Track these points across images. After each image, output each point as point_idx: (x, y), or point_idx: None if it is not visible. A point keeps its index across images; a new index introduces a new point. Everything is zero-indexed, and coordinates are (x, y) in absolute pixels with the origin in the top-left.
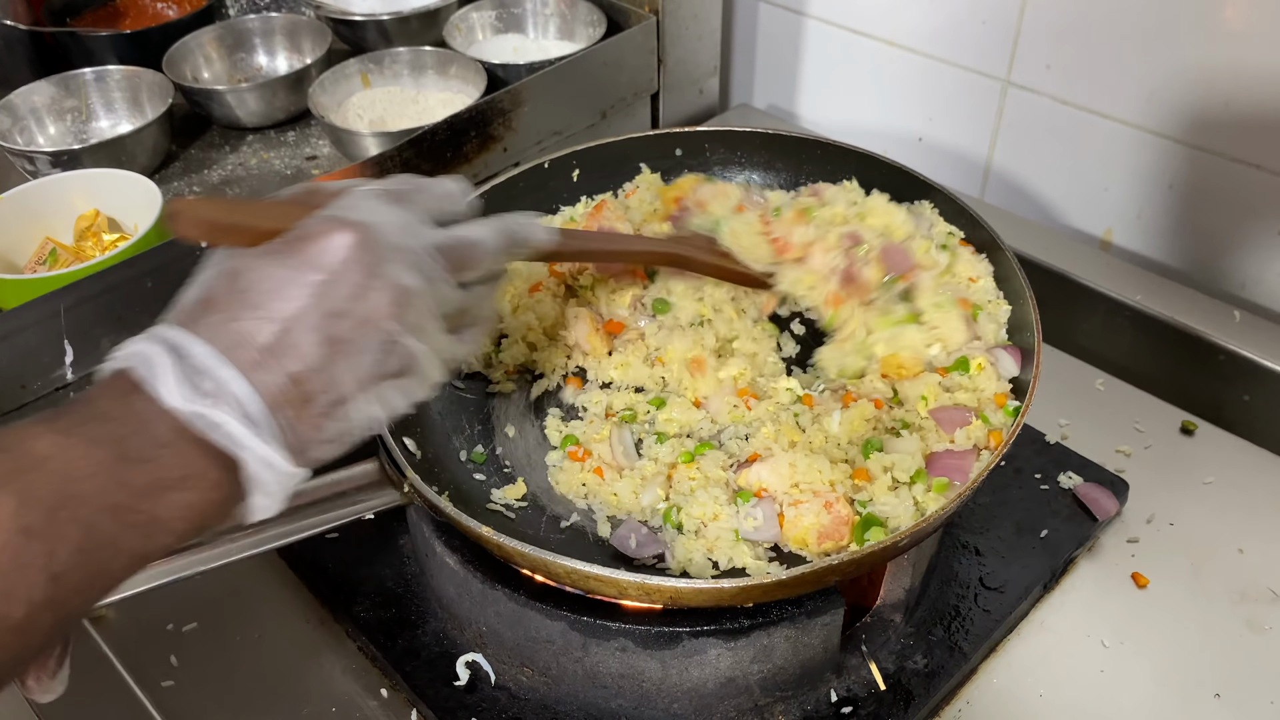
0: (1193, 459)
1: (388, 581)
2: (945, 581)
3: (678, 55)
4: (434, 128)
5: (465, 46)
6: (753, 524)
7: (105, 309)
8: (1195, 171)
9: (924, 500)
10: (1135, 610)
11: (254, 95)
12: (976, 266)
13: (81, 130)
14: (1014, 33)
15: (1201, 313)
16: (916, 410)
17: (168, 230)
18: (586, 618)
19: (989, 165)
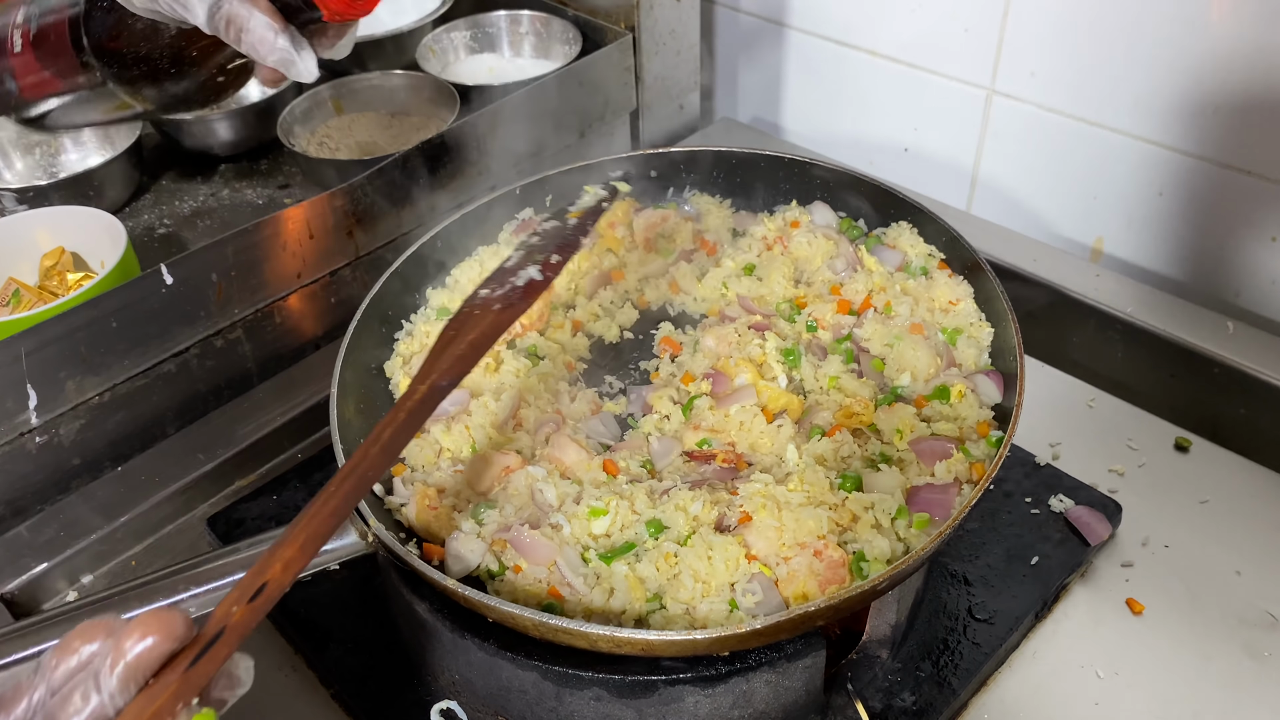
0: (1188, 477)
1: (360, 627)
2: (933, 614)
3: (656, 72)
4: (406, 154)
5: (440, 68)
6: (753, 599)
7: (69, 351)
8: (1185, 178)
9: (906, 536)
10: (1130, 638)
11: (225, 124)
12: (956, 289)
13: (51, 164)
14: (997, 40)
15: (1194, 324)
16: (895, 443)
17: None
18: (559, 667)
19: (976, 174)
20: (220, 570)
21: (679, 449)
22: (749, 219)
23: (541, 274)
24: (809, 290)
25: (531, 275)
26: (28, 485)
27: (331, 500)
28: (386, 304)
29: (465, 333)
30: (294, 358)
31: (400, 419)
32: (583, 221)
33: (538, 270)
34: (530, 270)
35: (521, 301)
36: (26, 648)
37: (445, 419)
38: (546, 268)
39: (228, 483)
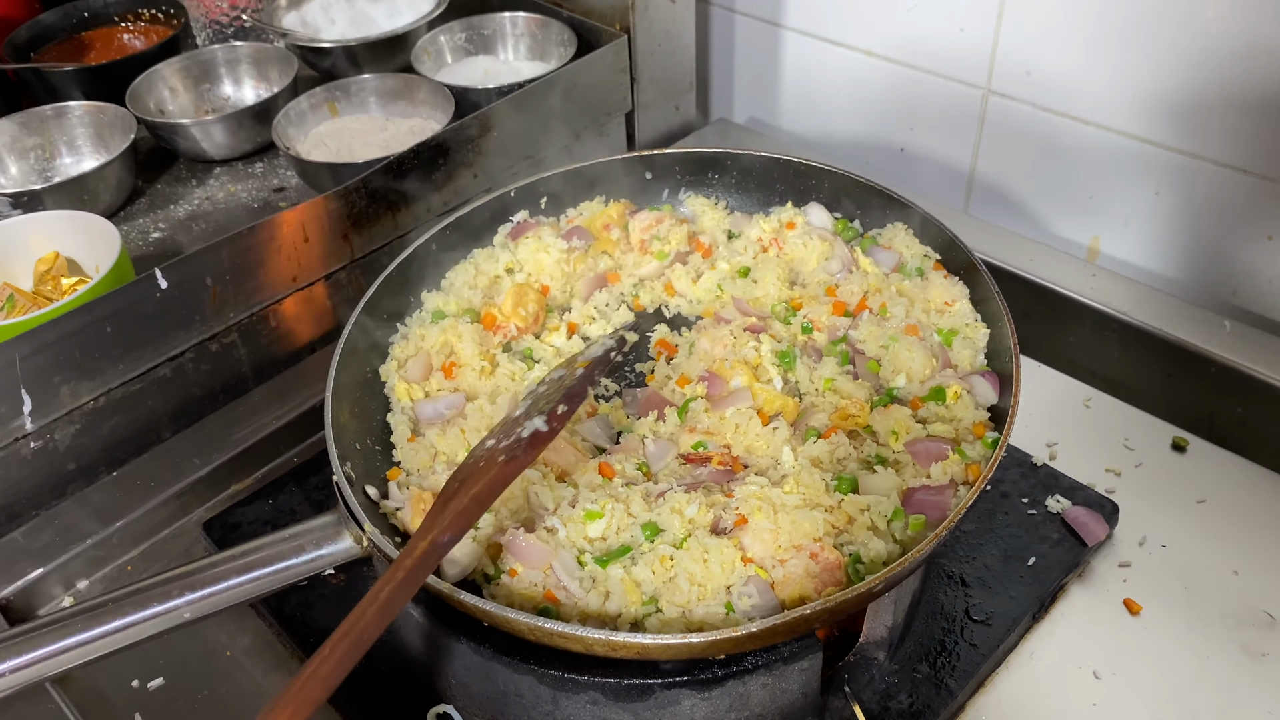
0: (1185, 477)
1: None
2: (930, 615)
3: (651, 73)
4: (401, 157)
5: (434, 70)
6: (749, 602)
7: (64, 356)
8: (1181, 177)
9: (903, 538)
10: (1128, 638)
11: (220, 127)
12: (951, 290)
13: (45, 168)
14: (992, 40)
15: (1191, 323)
16: (890, 445)
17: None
18: (555, 671)
19: (973, 174)
20: (216, 576)
21: (675, 451)
22: (744, 220)
23: (547, 425)
24: (804, 291)
25: (537, 426)
26: (23, 490)
27: (325, 665)
28: (381, 308)
29: (469, 485)
30: (289, 361)
31: (399, 578)
32: (590, 371)
33: (543, 421)
34: (536, 421)
35: (526, 454)
36: (21, 654)
37: (441, 423)
38: (552, 418)
39: (223, 487)
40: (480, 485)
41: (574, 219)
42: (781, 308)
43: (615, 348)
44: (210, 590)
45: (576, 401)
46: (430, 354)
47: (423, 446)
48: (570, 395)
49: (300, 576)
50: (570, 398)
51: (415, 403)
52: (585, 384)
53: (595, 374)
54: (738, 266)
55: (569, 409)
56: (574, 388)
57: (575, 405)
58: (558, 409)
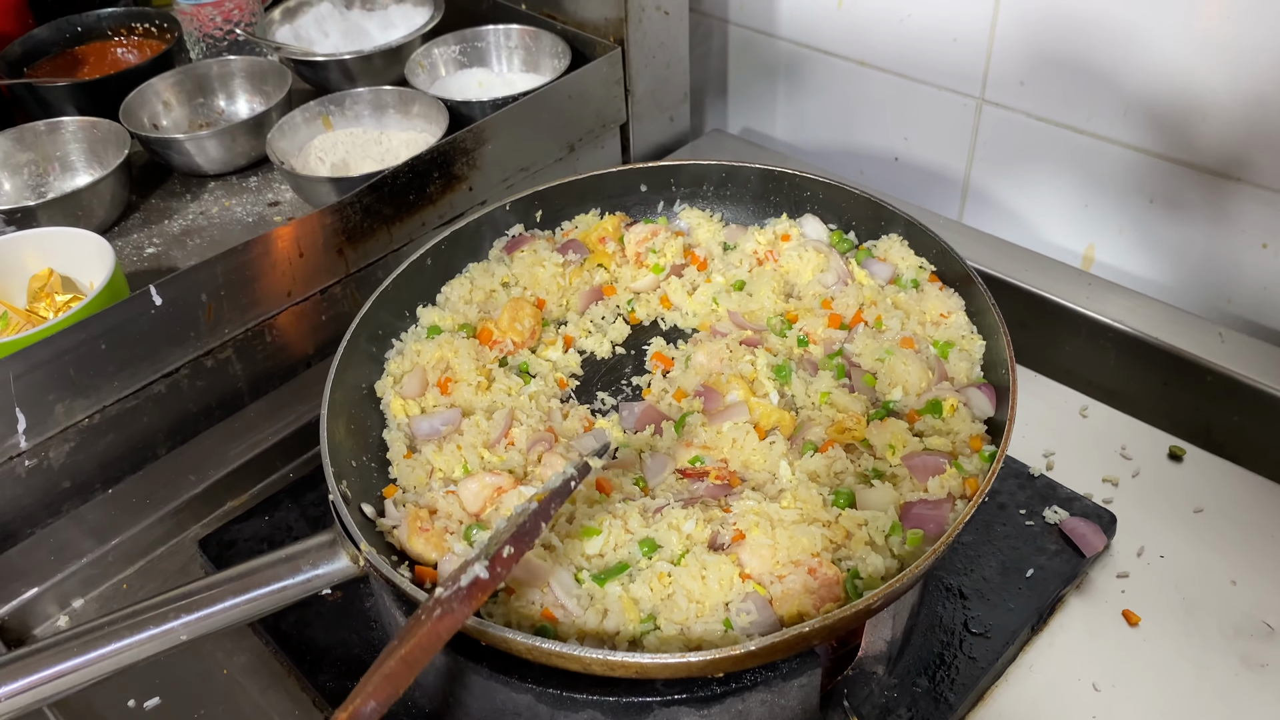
0: (1182, 486)
1: (354, 648)
2: (929, 628)
3: (646, 84)
4: (395, 171)
5: (428, 83)
6: (748, 619)
7: (58, 373)
8: (1175, 185)
9: (901, 552)
10: (1127, 650)
11: (214, 142)
12: (947, 302)
13: (39, 184)
14: (986, 49)
15: (1187, 332)
16: (887, 459)
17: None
18: (553, 689)
19: (967, 183)
20: (212, 597)
21: (672, 466)
22: (739, 232)
23: (488, 571)
24: (800, 304)
25: (477, 573)
26: (17, 509)
27: None
28: (377, 323)
29: (404, 642)
30: (285, 377)
31: None
32: (545, 505)
33: (484, 567)
34: (476, 568)
35: (462, 606)
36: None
37: (437, 439)
38: (496, 562)
39: (219, 504)
40: (408, 646)
41: (569, 232)
42: (777, 321)
43: (576, 477)
44: (207, 611)
45: (526, 542)
46: (426, 369)
47: (419, 463)
48: (519, 536)
49: (297, 597)
50: (519, 538)
51: (411, 419)
52: (538, 521)
53: (551, 508)
54: (733, 280)
55: (516, 551)
56: (524, 526)
57: (524, 547)
58: (503, 551)
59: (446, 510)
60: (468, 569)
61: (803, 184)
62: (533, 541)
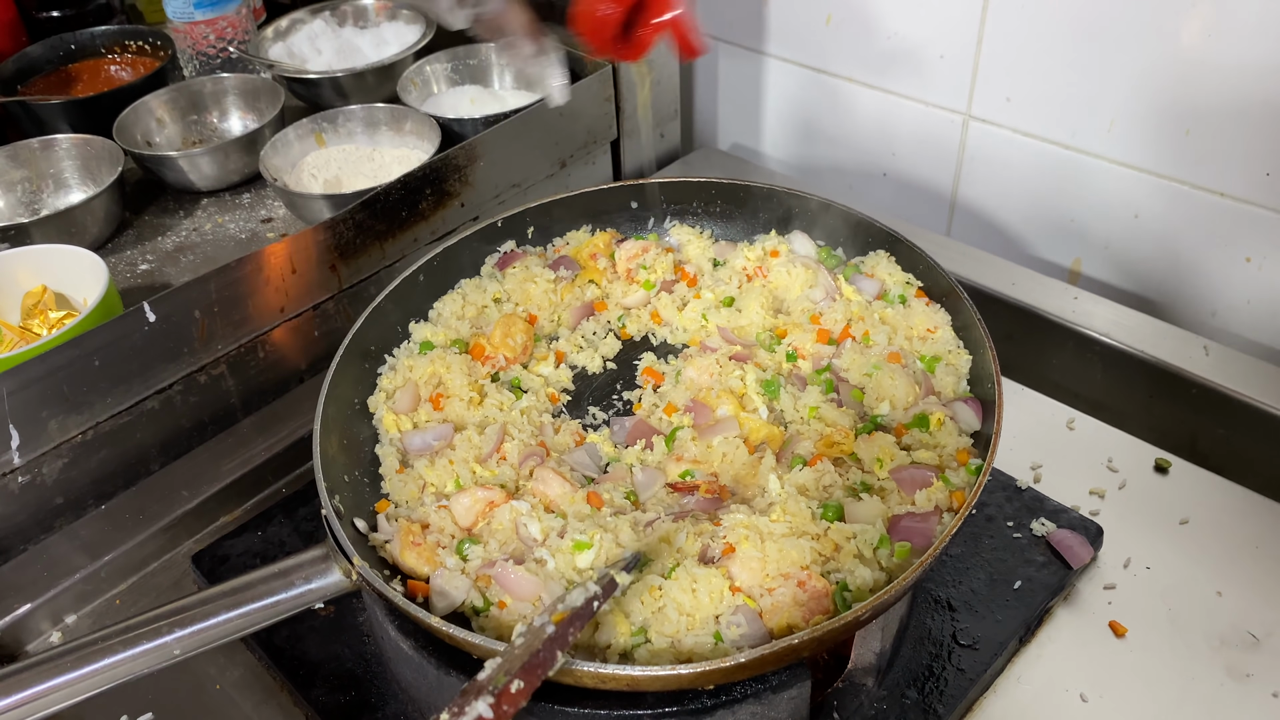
0: (1168, 498)
1: (347, 662)
2: (918, 640)
3: (636, 101)
4: (388, 187)
5: (421, 100)
6: (738, 631)
7: (51, 390)
8: (1160, 200)
9: (889, 565)
10: (1114, 661)
11: (207, 159)
12: (934, 317)
13: (33, 201)
14: (972, 66)
15: (1172, 345)
16: (875, 472)
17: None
18: (544, 702)
19: (954, 198)
20: (205, 612)
21: (662, 480)
22: (729, 248)
23: (493, 710)
24: (788, 319)
25: (480, 712)
26: (10, 525)
27: None
28: (369, 339)
29: None
30: (278, 392)
31: None
32: (562, 630)
33: (488, 705)
34: (480, 705)
35: None
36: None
37: (429, 454)
38: (503, 699)
39: (212, 519)
40: None
41: (561, 248)
42: (766, 336)
43: (600, 596)
44: (200, 626)
45: (539, 673)
46: (418, 385)
47: (411, 478)
48: (530, 667)
49: (290, 611)
50: (530, 670)
51: (403, 434)
52: (554, 649)
53: (569, 633)
54: (722, 296)
55: (526, 686)
56: (539, 655)
57: (535, 680)
58: (511, 686)
59: (439, 525)
60: (470, 704)
61: (791, 200)
62: (546, 672)
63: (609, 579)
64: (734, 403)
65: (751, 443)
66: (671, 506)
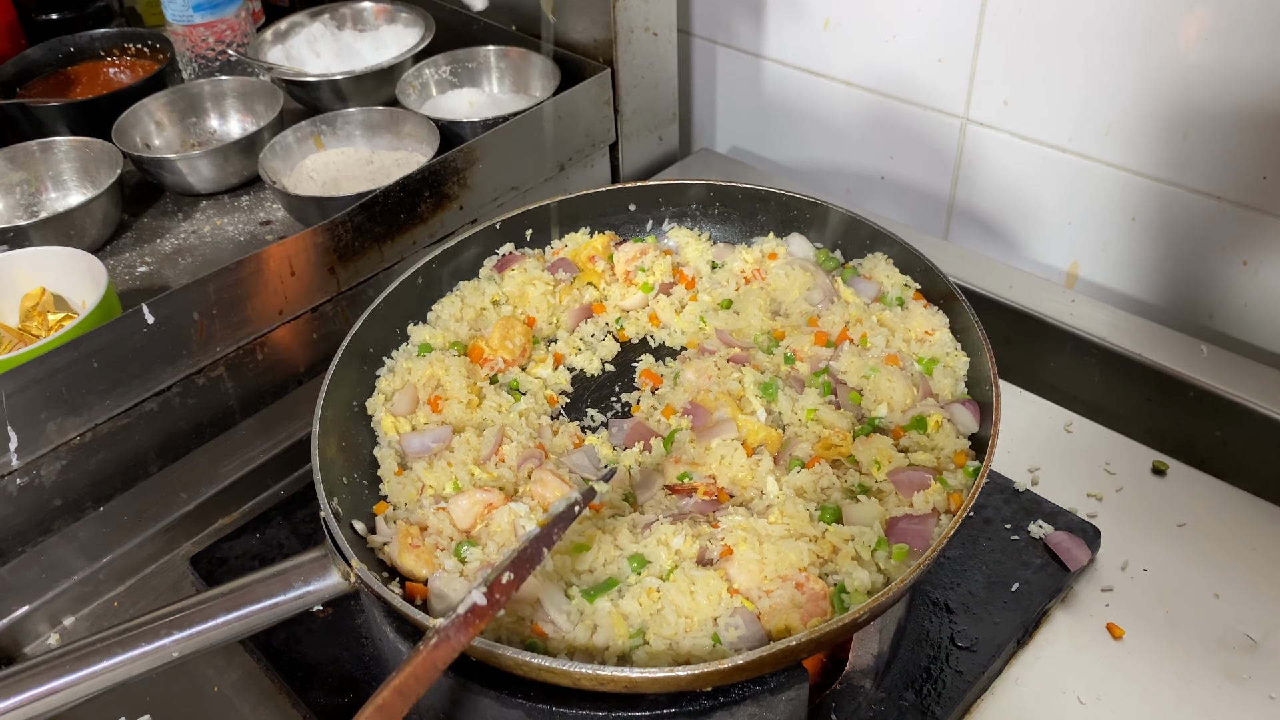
0: (1165, 501)
1: (345, 664)
2: (916, 642)
3: (635, 104)
4: (387, 190)
5: (419, 103)
6: (736, 633)
7: (50, 392)
8: (1157, 204)
9: (887, 567)
10: (1111, 663)
11: (206, 161)
12: (931, 319)
13: (32, 203)
14: (970, 70)
15: (1169, 348)
16: (873, 474)
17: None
18: (542, 704)
19: (952, 202)
20: (203, 614)
21: (661, 482)
22: (727, 251)
23: (486, 598)
24: (786, 322)
25: (474, 600)
26: (8, 527)
27: None
28: (368, 341)
29: (399, 672)
30: (276, 394)
31: None
32: (547, 531)
33: (482, 594)
34: (474, 594)
35: (457, 634)
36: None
37: (428, 456)
38: (495, 589)
39: (210, 521)
40: (402, 675)
41: (559, 251)
42: (764, 338)
43: (580, 501)
44: (199, 628)
45: (527, 568)
46: (417, 387)
47: (410, 480)
48: (519, 562)
49: (289, 613)
50: (519, 564)
51: (402, 436)
52: (540, 546)
53: (554, 534)
54: (720, 298)
55: (516, 578)
56: (525, 552)
57: (525, 573)
58: (502, 578)
59: (437, 527)
60: (468, 595)
61: (789, 203)
62: (534, 567)
63: (589, 489)
64: (732, 405)
65: (750, 445)
66: (670, 509)
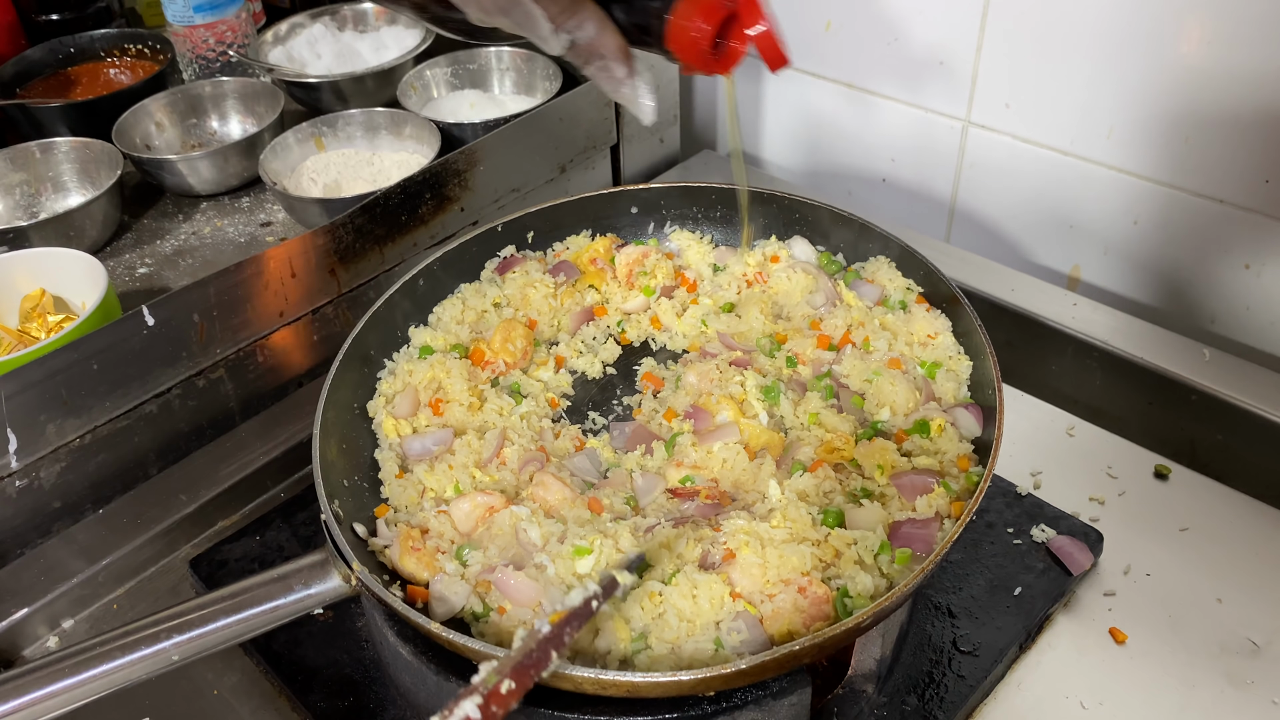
0: (1168, 505)
1: (345, 667)
2: (918, 646)
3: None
4: (387, 192)
5: (420, 105)
6: (738, 638)
7: (50, 394)
8: (1159, 207)
9: (889, 571)
10: (1114, 668)
11: (206, 163)
12: (934, 323)
13: (31, 204)
14: (971, 73)
15: (1171, 352)
16: (875, 478)
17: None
18: (544, 708)
19: (954, 204)
20: (204, 617)
21: (662, 485)
22: (729, 254)
23: (480, 711)
24: (788, 325)
25: (467, 712)
26: (7, 529)
27: None
28: (369, 343)
29: None
30: (276, 396)
31: None
32: (558, 630)
33: (476, 706)
34: (467, 705)
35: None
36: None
37: (429, 459)
38: (491, 700)
39: (210, 523)
40: None
41: (561, 253)
42: (766, 342)
43: (600, 596)
44: (199, 632)
45: (530, 676)
46: (418, 390)
47: (411, 483)
48: (522, 667)
49: (289, 616)
50: (521, 670)
51: (403, 439)
52: (548, 649)
53: (565, 633)
54: (722, 301)
55: (517, 687)
56: (531, 655)
57: (528, 681)
58: (500, 687)
59: (438, 530)
60: (458, 705)
61: (792, 206)
62: (540, 674)
63: (610, 578)
64: (734, 408)
65: (752, 448)
66: (671, 512)
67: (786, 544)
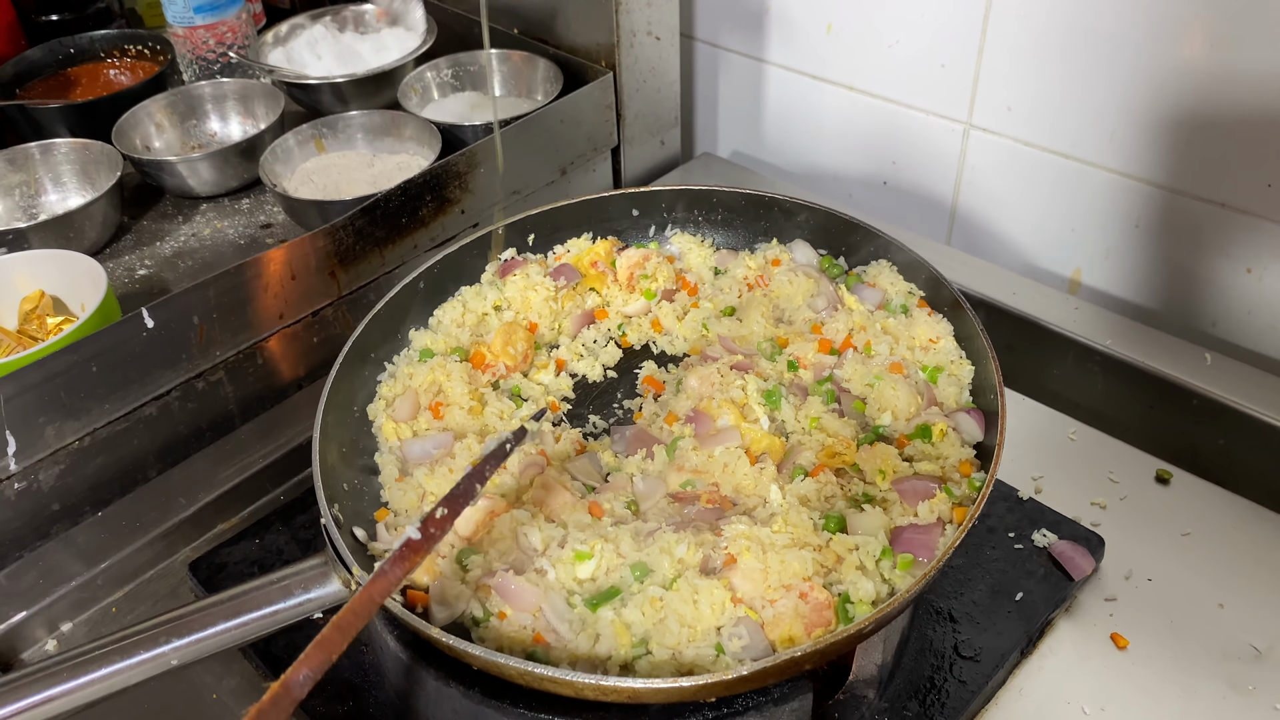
0: (1169, 509)
1: (345, 672)
2: (919, 652)
3: (637, 108)
4: (388, 194)
5: (421, 106)
6: (739, 643)
7: (49, 396)
8: (1160, 210)
9: (891, 577)
10: (1115, 673)
11: (206, 164)
12: (936, 327)
13: (31, 205)
14: (973, 75)
15: (1172, 355)
16: (877, 483)
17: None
18: (544, 715)
19: (955, 207)
20: (203, 621)
21: (663, 490)
22: (730, 257)
23: (420, 532)
24: (790, 329)
25: (409, 534)
26: (6, 532)
27: None
28: (369, 346)
29: (341, 611)
30: (276, 399)
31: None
32: (480, 468)
33: (415, 529)
34: (409, 529)
35: (394, 567)
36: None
37: (429, 462)
38: (429, 523)
39: (209, 526)
40: (341, 612)
41: (561, 256)
42: (767, 345)
43: (512, 440)
44: (198, 636)
45: (459, 503)
46: (418, 392)
47: (411, 486)
48: (452, 498)
49: (288, 621)
50: (452, 500)
51: (403, 442)
52: (472, 483)
53: (486, 471)
54: (723, 305)
55: (449, 512)
56: (458, 489)
57: (458, 508)
58: (436, 513)
59: None
60: (402, 532)
61: (793, 209)
62: (466, 503)
63: (520, 428)
64: (735, 412)
65: (753, 453)
66: (673, 516)
67: (788, 549)
